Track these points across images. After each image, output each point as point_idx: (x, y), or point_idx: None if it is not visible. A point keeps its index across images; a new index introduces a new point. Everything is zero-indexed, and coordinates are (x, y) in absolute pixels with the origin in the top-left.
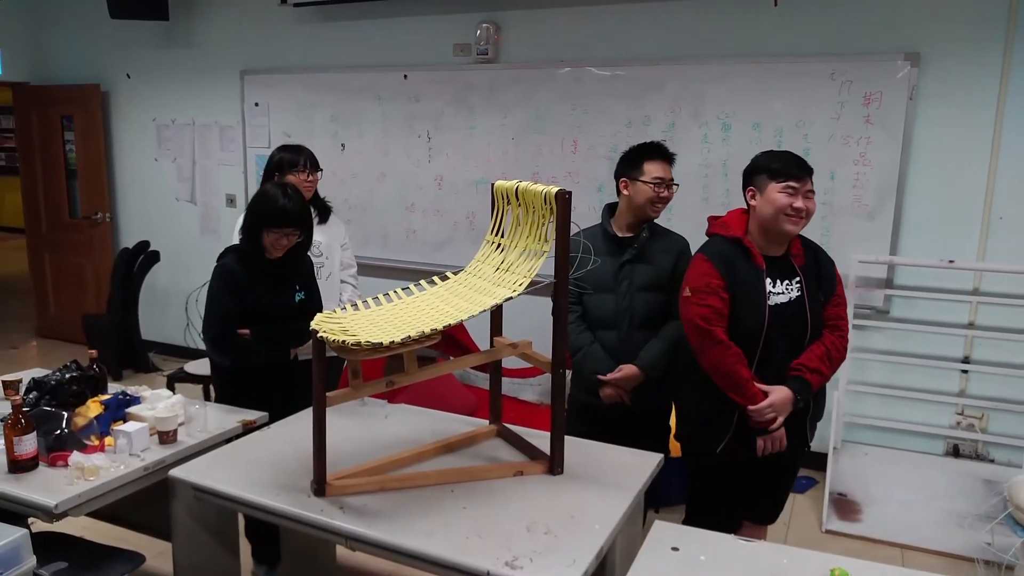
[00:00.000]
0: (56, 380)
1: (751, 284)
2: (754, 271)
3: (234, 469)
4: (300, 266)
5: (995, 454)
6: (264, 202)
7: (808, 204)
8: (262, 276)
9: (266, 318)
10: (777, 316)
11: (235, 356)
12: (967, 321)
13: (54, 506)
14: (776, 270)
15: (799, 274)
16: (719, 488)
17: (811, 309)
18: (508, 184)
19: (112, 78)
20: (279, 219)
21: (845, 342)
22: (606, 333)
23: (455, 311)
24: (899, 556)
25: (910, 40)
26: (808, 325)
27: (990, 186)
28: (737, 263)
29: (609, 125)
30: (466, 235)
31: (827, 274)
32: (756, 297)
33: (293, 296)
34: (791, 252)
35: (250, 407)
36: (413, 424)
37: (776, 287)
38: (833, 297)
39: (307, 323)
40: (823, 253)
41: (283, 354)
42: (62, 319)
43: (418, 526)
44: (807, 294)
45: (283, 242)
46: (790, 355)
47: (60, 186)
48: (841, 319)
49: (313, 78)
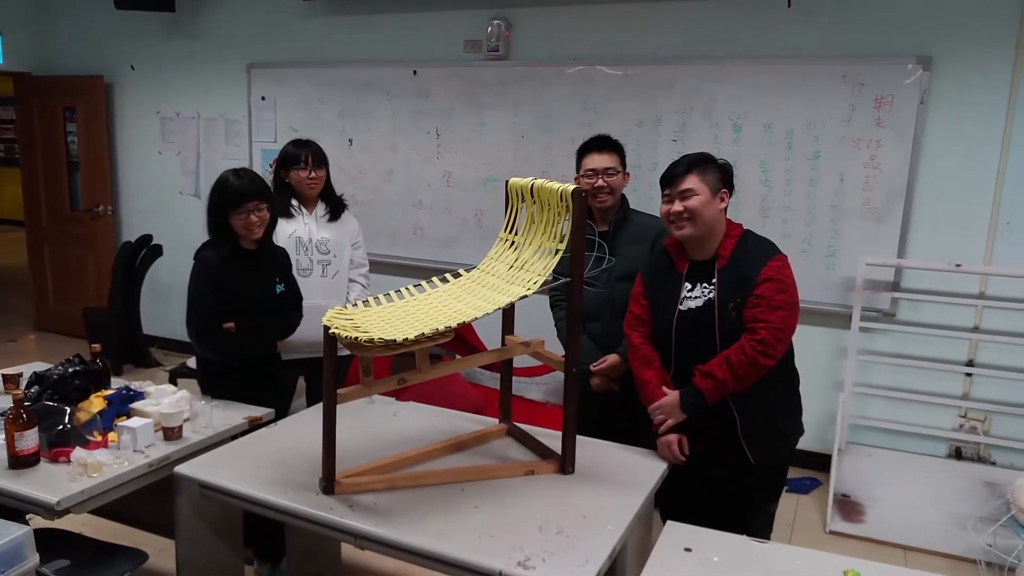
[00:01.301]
0: (59, 374)
1: (667, 289)
2: (673, 276)
3: (241, 466)
4: (277, 257)
5: (997, 457)
6: (218, 191)
7: (687, 204)
8: (241, 268)
9: (249, 311)
10: (686, 321)
11: (222, 350)
12: (972, 325)
13: (56, 503)
14: (697, 274)
15: (716, 274)
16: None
17: (720, 312)
18: (523, 181)
19: (116, 69)
20: (236, 198)
21: (763, 346)
22: (593, 324)
23: (469, 308)
24: (902, 557)
25: (922, 44)
26: (716, 328)
27: (998, 191)
28: (661, 269)
29: (620, 124)
30: (474, 233)
31: (746, 274)
32: (668, 302)
33: (274, 288)
34: (718, 254)
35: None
36: (422, 422)
37: (693, 291)
38: (750, 298)
39: (291, 315)
40: (756, 251)
41: (270, 348)
42: (61, 313)
43: (429, 525)
44: (718, 296)
45: (253, 219)
46: (704, 360)
47: (61, 178)
48: (759, 321)
49: (321, 72)
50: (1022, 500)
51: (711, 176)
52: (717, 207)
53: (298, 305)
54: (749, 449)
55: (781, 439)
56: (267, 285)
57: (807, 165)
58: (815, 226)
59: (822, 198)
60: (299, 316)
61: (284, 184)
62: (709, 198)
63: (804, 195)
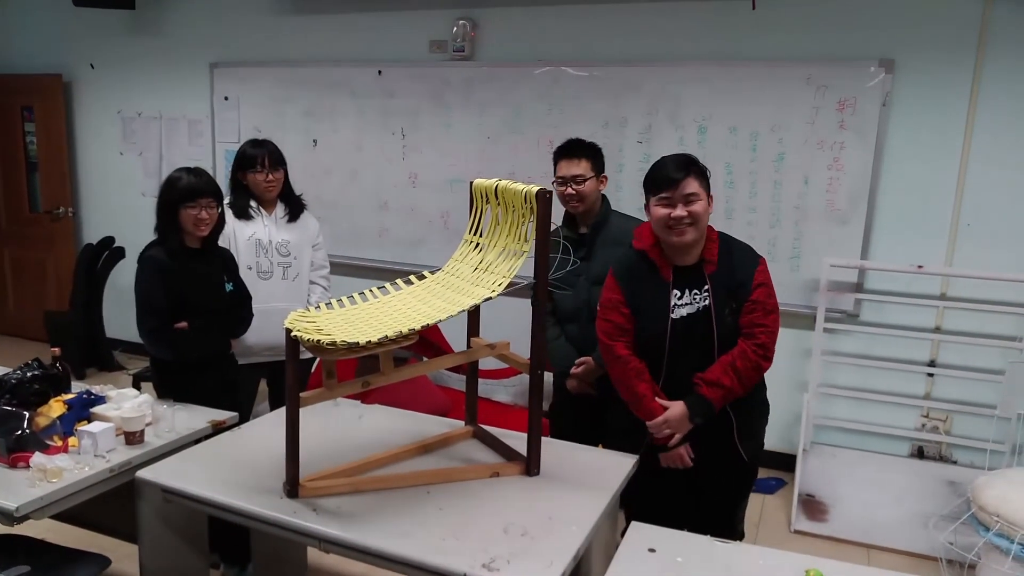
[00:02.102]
0: (17, 379)
1: (653, 297)
2: (658, 283)
3: (204, 470)
4: (223, 257)
5: (958, 456)
6: (170, 186)
7: (691, 208)
8: (189, 267)
9: (200, 310)
10: (681, 328)
11: (175, 348)
12: (934, 326)
13: (15, 509)
14: (685, 280)
15: (707, 282)
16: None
17: (717, 318)
18: (487, 183)
19: (75, 68)
20: (189, 193)
21: (764, 350)
22: (570, 326)
23: (433, 311)
24: (865, 555)
25: (885, 47)
26: (715, 335)
27: (959, 193)
28: (642, 276)
29: (586, 126)
30: (440, 234)
31: (739, 279)
32: (658, 310)
33: (223, 286)
34: (704, 259)
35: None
36: (388, 425)
37: (683, 298)
38: (747, 303)
39: (241, 312)
40: (743, 256)
41: (223, 346)
42: (22, 316)
43: (393, 528)
44: (714, 303)
45: (203, 216)
46: (699, 367)
47: (20, 179)
48: (757, 326)
49: (285, 72)
50: (982, 499)
51: (704, 179)
52: (709, 211)
53: (248, 304)
54: (743, 447)
55: (762, 434)
56: (216, 284)
57: (771, 167)
58: (779, 228)
59: (786, 200)
60: (250, 314)
61: (242, 186)
62: (705, 203)
63: (768, 197)
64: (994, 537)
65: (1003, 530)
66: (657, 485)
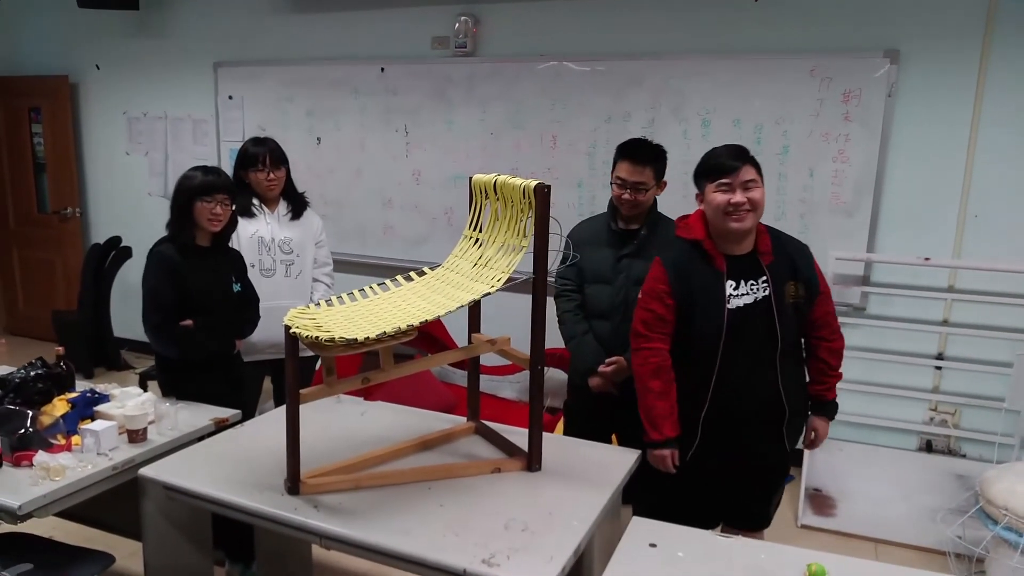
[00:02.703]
0: (20, 378)
1: (708, 288)
2: (712, 274)
3: (206, 468)
4: (233, 257)
5: (967, 449)
6: (186, 179)
7: (750, 195)
8: (198, 265)
9: (207, 309)
10: (738, 319)
11: (178, 346)
12: (942, 318)
13: (18, 507)
14: (739, 270)
15: (766, 273)
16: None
17: (779, 310)
18: (486, 178)
19: (81, 69)
20: (204, 188)
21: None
22: (601, 323)
23: (432, 307)
24: (872, 550)
25: (890, 38)
26: (777, 327)
27: (966, 184)
28: (695, 267)
29: (589, 120)
30: (444, 231)
31: (804, 273)
32: (713, 301)
33: (231, 287)
34: (758, 250)
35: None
36: (389, 421)
37: (739, 289)
38: (819, 296)
39: (248, 313)
40: (799, 249)
41: (227, 346)
42: (31, 316)
43: (394, 524)
44: (775, 294)
45: (217, 211)
46: (758, 364)
47: (28, 180)
48: (828, 313)
49: (288, 71)
50: (990, 492)
51: (759, 169)
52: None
53: (255, 305)
54: (789, 438)
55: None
56: (225, 284)
57: (776, 160)
58: (784, 221)
59: (791, 193)
60: (256, 315)
61: (244, 184)
62: (763, 190)
63: (773, 190)
64: (1003, 531)
65: (1012, 524)
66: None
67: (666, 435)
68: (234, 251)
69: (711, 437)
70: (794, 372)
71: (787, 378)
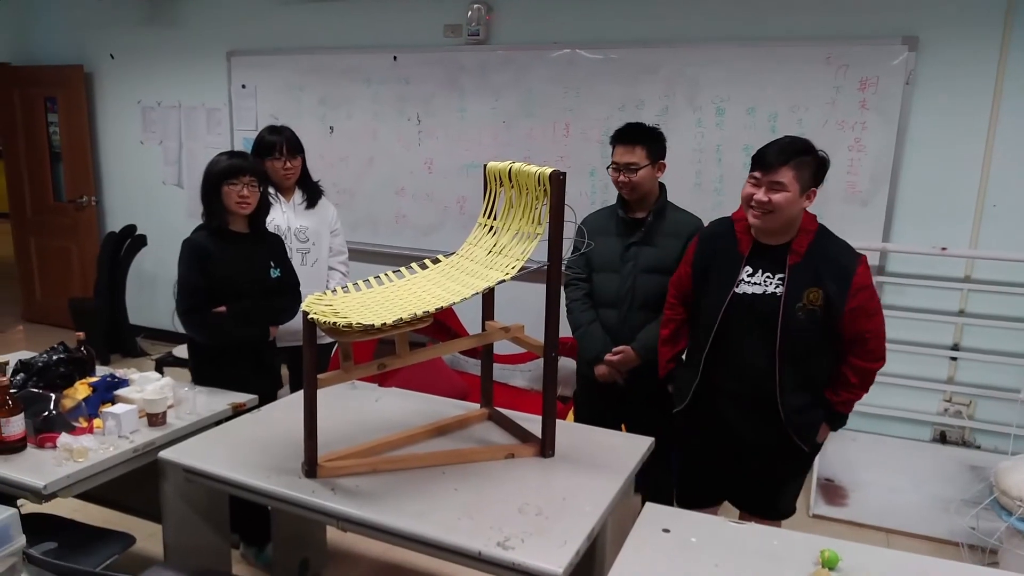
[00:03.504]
0: (43, 362)
1: (724, 266)
2: (733, 254)
3: (225, 451)
4: (271, 242)
5: (981, 440)
6: (214, 164)
7: (773, 197)
8: (232, 250)
9: (239, 294)
10: (741, 306)
11: (208, 332)
12: (958, 309)
13: (43, 487)
14: (762, 260)
15: (786, 271)
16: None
17: (786, 310)
18: (501, 165)
19: (96, 59)
20: (232, 169)
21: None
22: (608, 312)
23: (447, 294)
24: (885, 540)
25: (908, 24)
26: (779, 326)
27: (985, 174)
28: (721, 243)
29: (602, 108)
30: (456, 220)
31: (832, 286)
32: (724, 280)
33: (268, 272)
34: (791, 248)
35: (227, 388)
36: (404, 407)
37: (753, 277)
38: (847, 311)
39: (284, 300)
40: (840, 262)
41: (261, 333)
42: (48, 304)
43: (410, 507)
44: (787, 294)
45: (245, 193)
46: (752, 351)
47: (44, 169)
48: (865, 331)
49: (301, 60)
50: (1004, 483)
51: (807, 171)
52: (801, 205)
53: (295, 291)
54: (799, 438)
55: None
56: (261, 269)
57: None
58: None
59: None
60: (294, 302)
61: None
62: (796, 196)
63: None
64: (1016, 522)
65: None
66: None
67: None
68: (274, 236)
69: (699, 407)
70: (802, 374)
71: (788, 377)
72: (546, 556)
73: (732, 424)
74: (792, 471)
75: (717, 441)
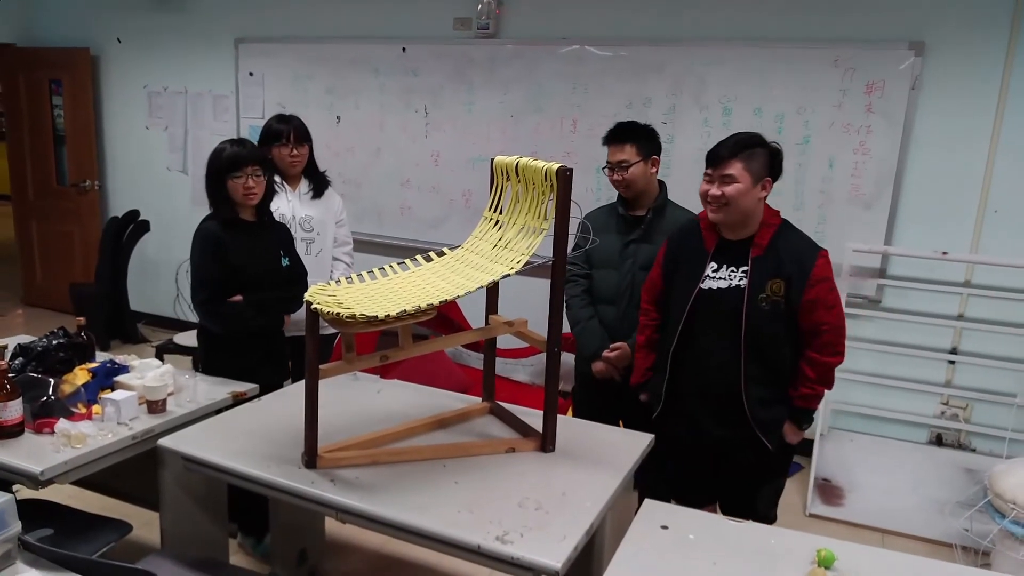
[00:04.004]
0: (43, 346)
1: (690, 264)
2: (699, 251)
3: (224, 440)
4: (279, 231)
5: (977, 444)
6: (215, 157)
7: (726, 190)
8: (244, 239)
9: (254, 283)
10: (707, 301)
11: (226, 322)
12: (957, 313)
13: (40, 473)
14: (727, 255)
15: (749, 263)
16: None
17: (749, 303)
18: (508, 160)
19: (102, 42)
20: (234, 162)
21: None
22: (607, 308)
23: (451, 287)
24: (880, 540)
25: (915, 29)
26: (743, 319)
27: (987, 179)
28: (689, 241)
29: (609, 105)
30: (462, 213)
31: (789, 274)
32: (691, 277)
33: (279, 261)
34: (754, 242)
35: (239, 379)
36: (405, 399)
37: (719, 272)
38: (804, 302)
39: (296, 289)
40: (798, 251)
41: (276, 322)
42: (49, 288)
43: (409, 500)
44: (750, 286)
45: (250, 184)
46: (718, 346)
47: (48, 152)
48: (822, 324)
49: (309, 48)
50: (999, 486)
51: (757, 163)
52: (756, 195)
53: (303, 280)
54: (766, 438)
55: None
56: (272, 258)
57: (796, 150)
58: (803, 212)
59: (810, 183)
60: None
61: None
62: (749, 187)
63: (792, 180)
64: (1010, 524)
65: (1019, 517)
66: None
67: (635, 381)
68: (282, 225)
69: (671, 407)
70: (766, 367)
71: (753, 370)
72: (545, 551)
73: (701, 422)
74: (763, 473)
75: (690, 441)
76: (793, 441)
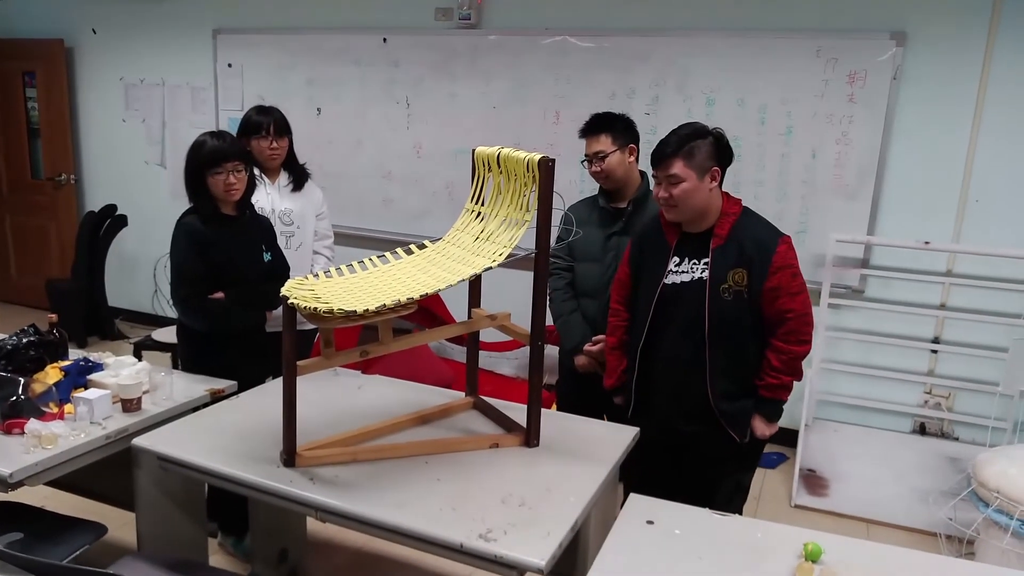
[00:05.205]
0: (12, 345)
1: (654, 260)
2: (662, 247)
3: (201, 439)
4: (261, 226)
5: (960, 432)
6: (195, 151)
7: (672, 191)
8: (225, 235)
9: (237, 280)
10: (671, 295)
11: (207, 318)
12: (939, 302)
13: (8, 475)
14: (689, 249)
15: (710, 254)
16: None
17: (711, 294)
18: (489, 150)
19: (77, 33)
20: (214, 157)
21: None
22: (589, 302)
23: (433, 280)
24: (864, 530)
25: (897, 20)
26: (706, 310)
27: (968, 169)
28: (652, 238)
29: (593, 97)
30: (445, 206)
31: (749, 260)
32: (654, 273)
33: (261, 256)
34: (714, 232)
35: (219, 375)
36: (387, 395)
37: (681, 266)
38: (766, 290)
39: (279, 284)
40: (763, 239)
41: (258, 318)
42: (24, 284)
43: (390, 498)
44: (711, 277)
45: (231, 180)
46: (685, 338)
47: (22, 145)
48: (785, 311)
49: (289, 39)
50: (983, 475)
51: (700, 156)
52: (706, 189)
53: (286, 275)
54: (733, 430)
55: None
56: (254, 253)
57: (779, 140)
58: (786, 202)
59: (794, 174)
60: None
61: None
62: (696, 183)
63: (776, 171)
64: (993, 513)
65: (1003, 506)
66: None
67: (608, 384)
68: (264, 219)
69: (641, 404)
70: (731, 358)
71: (717, 362)
72: (529, 548)
73: (671, 419)
74: (726, 465)
75: (663, 440)
76: (764, 435)
